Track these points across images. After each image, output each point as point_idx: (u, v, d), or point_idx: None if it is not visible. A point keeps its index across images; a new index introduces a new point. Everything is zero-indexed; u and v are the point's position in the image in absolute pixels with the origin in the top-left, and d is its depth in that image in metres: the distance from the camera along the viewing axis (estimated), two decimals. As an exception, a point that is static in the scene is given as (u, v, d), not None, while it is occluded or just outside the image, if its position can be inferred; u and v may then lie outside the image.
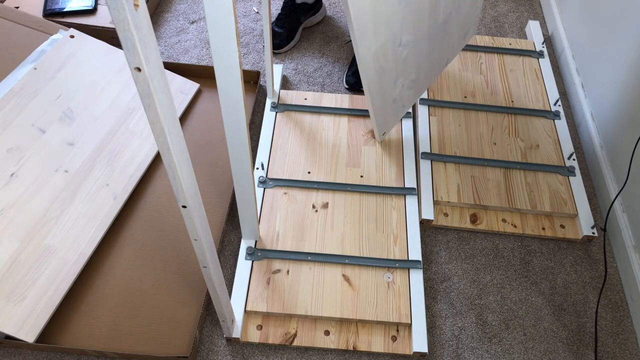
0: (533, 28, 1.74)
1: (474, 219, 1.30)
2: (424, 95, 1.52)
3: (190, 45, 1.68)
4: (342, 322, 1.13)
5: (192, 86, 1.50)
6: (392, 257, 1.20)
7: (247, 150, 0.94)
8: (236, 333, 1.08)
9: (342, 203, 1.29)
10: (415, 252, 1.21)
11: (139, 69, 0.47)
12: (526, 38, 1.77)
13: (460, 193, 1.32)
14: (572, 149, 1.42)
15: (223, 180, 1.33)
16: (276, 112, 1.47)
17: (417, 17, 1.20)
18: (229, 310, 1.02)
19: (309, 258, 1.19)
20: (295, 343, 1.09)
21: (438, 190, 1.32)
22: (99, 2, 1.63)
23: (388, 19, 1.12)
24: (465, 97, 1.53)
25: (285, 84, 1.60)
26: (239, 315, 1.10)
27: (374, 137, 1.42)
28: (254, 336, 1.09)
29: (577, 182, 1.36)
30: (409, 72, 1.29)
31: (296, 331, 1.11)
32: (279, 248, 1.20)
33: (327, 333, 1.11)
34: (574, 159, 1.41)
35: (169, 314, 1.12)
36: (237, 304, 1.11)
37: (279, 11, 1.69)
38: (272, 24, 1.63)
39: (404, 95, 1.35)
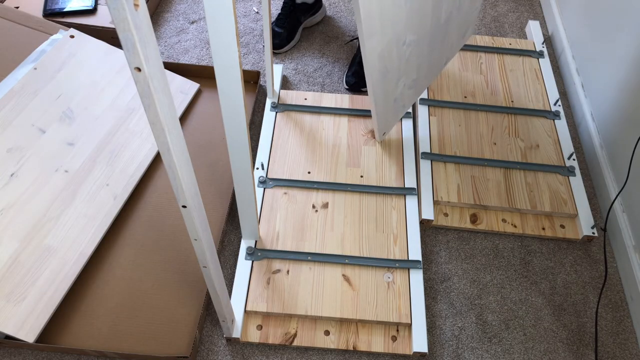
0: (533, 28, 1.74)
1: (474, 219, 1.30)
2: (424, 95, 1.52)
3: (190, 45, 1.68)
4: (342, 322, 1.13)
5: (192, 86, 1.50)
6: (392, 257, 1.20)
7: (247, 150, 0.94)
8: (236, 333, 1.08)
9: (342, 203, 1.29)
10: (415, 252, 1.21)
11: (139, 69, 0.47)
12: (526, 38, 1.77)
13: (460, 193, 1.32)
14: (572, 149, 1.42)
15: (223, 180, 1.33)
16: (276, 112, 1.47)
17: (420, 17, 1.20)
18: (229, 310, 1.02)
19: (309, 258, 1.19)
20: (295, 343, 1.09)
21: (438, 190, 1.32)
22: (99, 2, 1.63)
23: (394, 18, 1.12)
24: (465, 97, 1.53)
25: (285, 84, 1.60)
26: (239, 315, 1.10)
27: (374, 137, 1.42)
28: (254, 336, 1.09)
29: (577, 182, 1.36)
30: (410, 71, 1.29)
31: (296, 331, 1.11)
32: (279, 248, 1.20)
33: (327, 333, 1.11)
34: (574, 159, 1.41)
35: (169, 314, 1.12)
36: (237, 304, 1.11)
37: (279, 11, 1.69)
38: (272, 24, 1.63)
39: (405, 95, 1.35)
